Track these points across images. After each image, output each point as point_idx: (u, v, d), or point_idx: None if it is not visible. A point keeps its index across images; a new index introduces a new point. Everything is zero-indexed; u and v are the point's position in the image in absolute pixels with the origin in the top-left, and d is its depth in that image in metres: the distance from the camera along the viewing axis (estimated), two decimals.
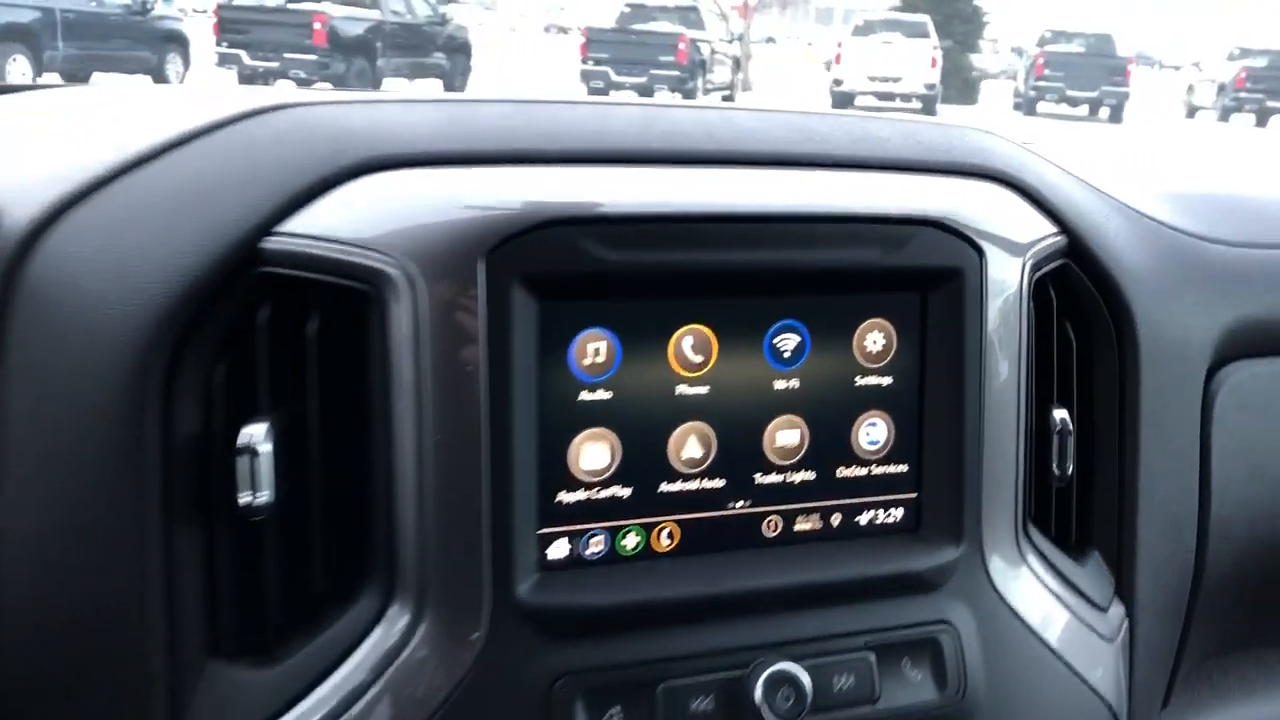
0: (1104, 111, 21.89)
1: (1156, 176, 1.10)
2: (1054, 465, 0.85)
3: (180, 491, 0.65)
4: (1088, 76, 21.30)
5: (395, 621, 0.67)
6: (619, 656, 0.70)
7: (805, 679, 0.71)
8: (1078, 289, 0.87)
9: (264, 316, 0.66)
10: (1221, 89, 22.22)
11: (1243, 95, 21.45)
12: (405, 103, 0.75)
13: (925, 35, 20.45)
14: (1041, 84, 21.68)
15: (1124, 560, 0.90)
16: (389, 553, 0.67)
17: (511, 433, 0.67)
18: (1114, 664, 0.87)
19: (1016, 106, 23.09)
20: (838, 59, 20.46)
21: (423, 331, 0.65)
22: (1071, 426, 0.85)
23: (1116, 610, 0.89)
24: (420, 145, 0.68)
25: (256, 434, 0.64)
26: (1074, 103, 21.86)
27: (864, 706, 0.74)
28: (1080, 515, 0.90)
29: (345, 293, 0.66)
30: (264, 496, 0.64)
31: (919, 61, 19.81)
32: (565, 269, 0.67)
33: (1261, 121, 21.33)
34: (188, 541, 0.65)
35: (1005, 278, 0.79)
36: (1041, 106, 22.27)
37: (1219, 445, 0.94)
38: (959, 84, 22.98)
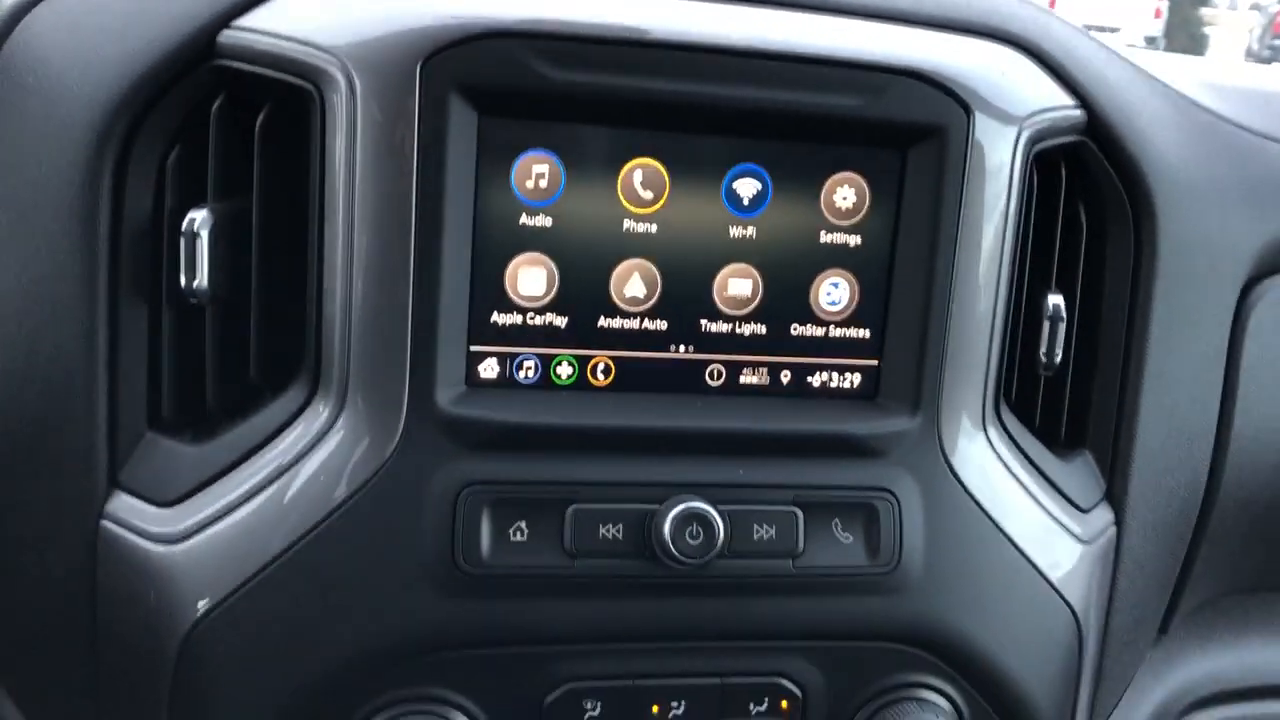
0: None
1: (1238, 73, 1.01)
2: (1041, 351, 0.80)
3: (128, 269, 0.69)
4: None
5: (317, 414, 0.70)
6: (532, 475, 0.71)
7: (717, 520, 0.70)
8: (1096, 171, 0.81)
9: (216, 107, 0.69)
10: None
11: None
12: None
13: None
14: (1277, 43, 20.01)
15: (1118, 464, 0.84)
16: (316, 350, 0.70)
17: (442, 243, 0.68)
18: (1087, 569, 0.82)
19: None
20: (1052, 3, 19.41)
21: (359, 132, 0.67)
22: (1064, 313, 0.80)
23: (1102, 516, 0.84)
24: None
25: (199, 219, 0.67)
26: None
27: (783, 560, 0.73)
28: (1075, 413, 0.85)
29: (293, 91, 0.68)
30: (202, 281, 0.68)
31: (1140, 11, 18.58)
32: (505, 84, 0.67)
33: None
34: (132, 317, 0.69)
35: (995, 144, 0.74)
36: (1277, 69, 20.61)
37: (1250, 362, 0.87)
38: (1184, 39, 21.42)
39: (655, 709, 0.74)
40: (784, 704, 0.76)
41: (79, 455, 0.69)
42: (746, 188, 0.73)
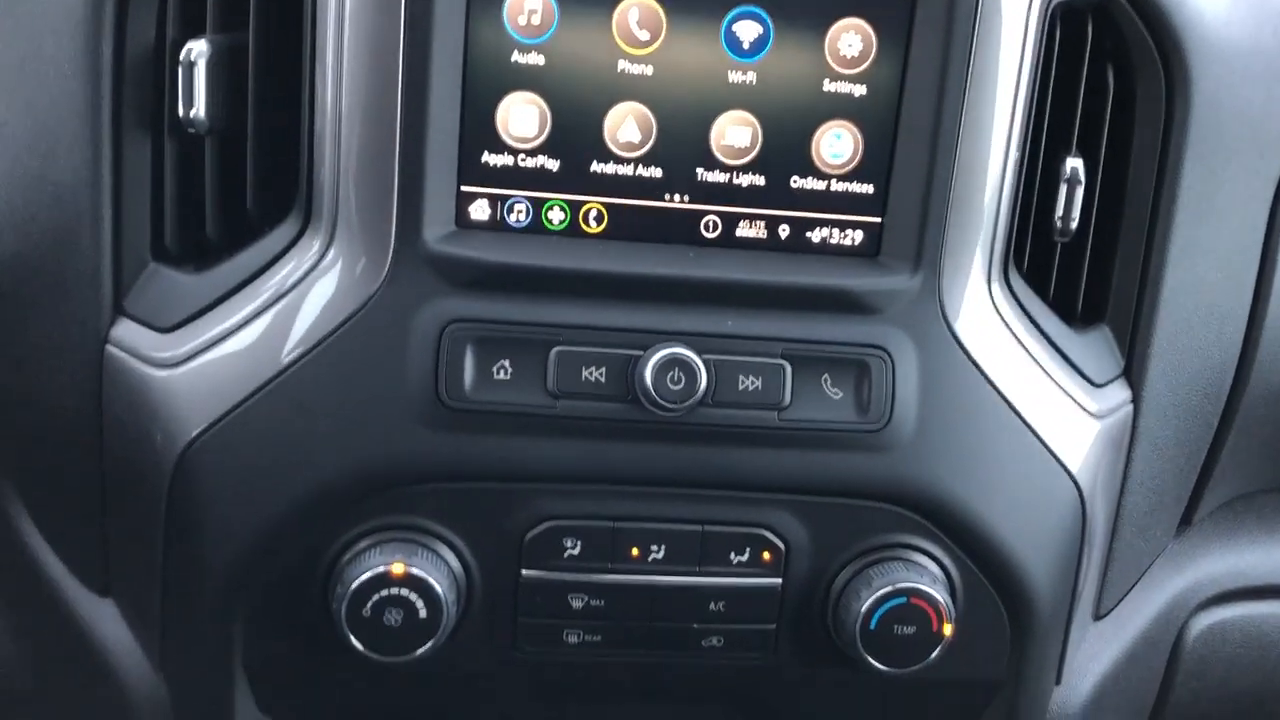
0: None
1: None
2: (1057, 216, 0.77)
3: (130, 99, 0.70)
4: None
5: (309, 247, 0.71)
6: (518, 315, 0.71)
7: (700, 367, 0.70)
8: (1126, 30, 0.77)
9: None
10: None
11: None
12: None
13: None
14: None
15: (1137, 341, 0.81)
16: (308, 184, 0.71)
17: (429, 78, 0.68)
18: (1099, 445, 0.79)
19: None
20: None
21: None
22: (1082, 176, 0.77)
23: (1117, 393, 0.81)
24: None
25: (196, 50, 0.68)
26: None
27: (769, 411, 0.72)
28: (1094, 286, 0.82)
29: None
30: (199, 111, 0.69)
31: None
32: None
33: None
34: (135, 147, 0.71)
35: None
36: None
37: None
38: None
39: (635, 552, 0.74)
40: (766, 555, 0.75)
41: (86, 280, 0.71)
42: (747, 30, 0.71)
